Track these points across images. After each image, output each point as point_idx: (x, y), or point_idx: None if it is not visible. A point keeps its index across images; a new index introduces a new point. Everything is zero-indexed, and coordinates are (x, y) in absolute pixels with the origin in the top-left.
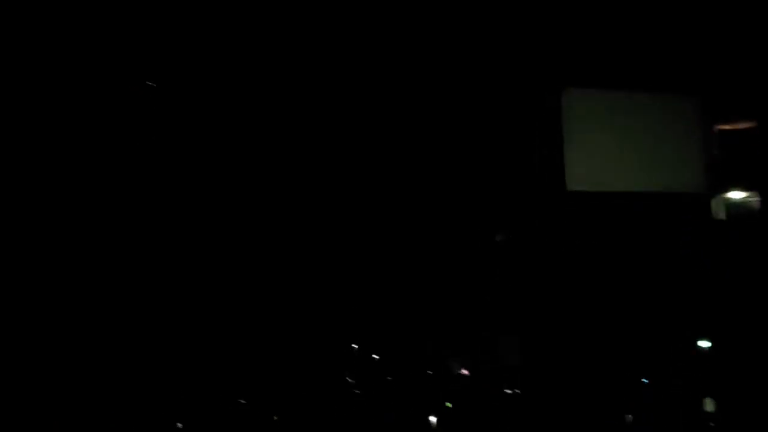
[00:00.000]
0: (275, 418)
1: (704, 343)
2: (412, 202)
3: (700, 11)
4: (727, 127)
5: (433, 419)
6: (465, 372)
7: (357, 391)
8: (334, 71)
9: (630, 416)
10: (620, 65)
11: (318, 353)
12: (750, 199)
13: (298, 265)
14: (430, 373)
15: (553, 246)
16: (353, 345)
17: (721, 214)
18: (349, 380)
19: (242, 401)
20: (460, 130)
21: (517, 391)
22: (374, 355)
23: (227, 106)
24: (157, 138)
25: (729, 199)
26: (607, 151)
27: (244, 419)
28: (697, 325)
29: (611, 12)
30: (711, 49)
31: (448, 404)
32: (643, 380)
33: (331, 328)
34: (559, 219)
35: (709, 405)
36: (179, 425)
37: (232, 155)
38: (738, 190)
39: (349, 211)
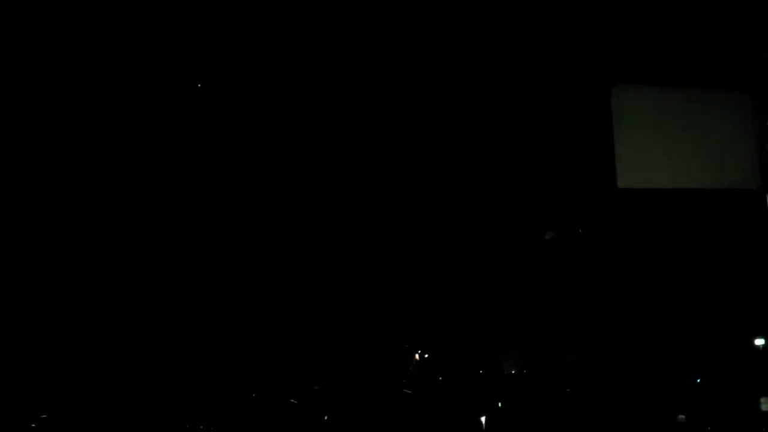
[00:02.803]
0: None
1: (759, 341)
2: (460, 202)
3: (751, 6)
4: None
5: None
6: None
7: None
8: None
9: (683, 416)
10: (671, 62)
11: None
12: None
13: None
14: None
15: (605, 245)
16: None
17: None
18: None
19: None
20: (507, 129)
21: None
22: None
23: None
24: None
25: None
26: (657, 148)
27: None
28: (754, 323)
29: (661, 8)
30: (761, 44)
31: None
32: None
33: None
34: (610, 216)
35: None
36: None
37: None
38: None
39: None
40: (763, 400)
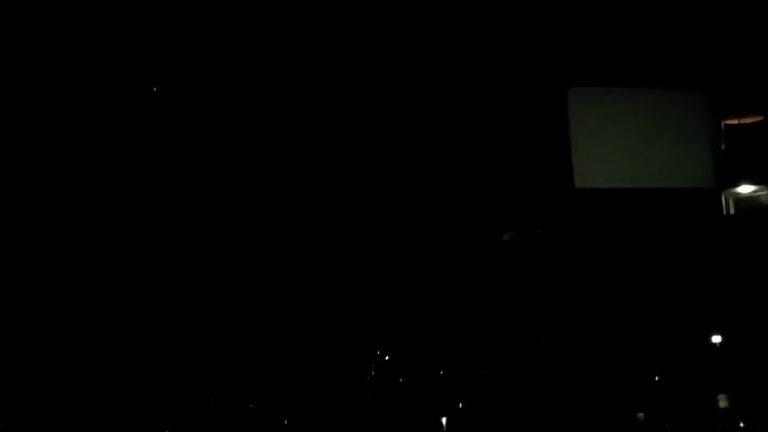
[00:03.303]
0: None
1: (716, 338)
2: (418, 204)
3: (705, 6)
4: (735, 121)
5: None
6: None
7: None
8: (327, 72)
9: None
10: (626, 62)
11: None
12: (760, 193)
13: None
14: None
15: (561, 243)
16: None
17: (732, 209)
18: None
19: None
20: (465, 131)
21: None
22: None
23: (227, 107)
24: (157, 138)
25: (739, 193)
26: (615, 148)
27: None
28: (708, 321)
29: (615, 9)
30: (717, 44)
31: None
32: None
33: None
34: (567, 216)
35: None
36: None
37: (232, 156)
38: (748, 184)
39: (349, 211)
40: (720, 397)
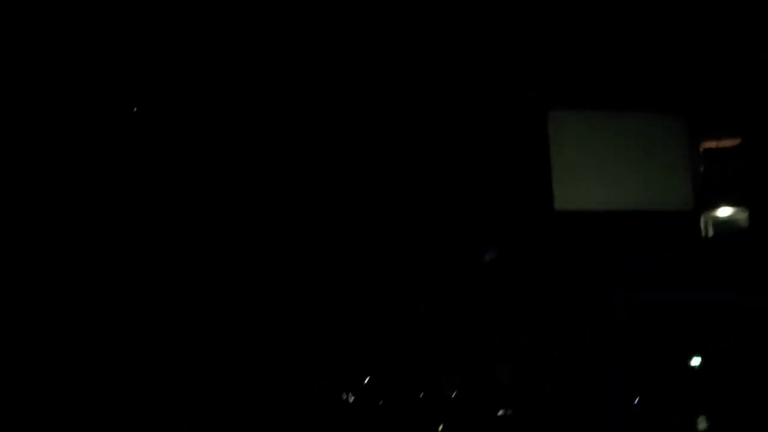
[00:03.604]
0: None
1: (696, 361)
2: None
3: (682, 30)
4: (713, 144)
5: None
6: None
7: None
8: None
9: None
10: (604, 86)
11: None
12: (738, 215)
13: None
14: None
15: (542, 265)
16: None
17: (710, 231)
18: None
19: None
20: (446, 152)
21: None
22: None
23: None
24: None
25: (717, 216)
26: (593, 171)
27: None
28: (690, 343)
29: (593, 33)
30: (694, 68)
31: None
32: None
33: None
34: (547, 238)
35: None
36: None
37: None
38: (726, 206)
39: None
40: (699, 419)
